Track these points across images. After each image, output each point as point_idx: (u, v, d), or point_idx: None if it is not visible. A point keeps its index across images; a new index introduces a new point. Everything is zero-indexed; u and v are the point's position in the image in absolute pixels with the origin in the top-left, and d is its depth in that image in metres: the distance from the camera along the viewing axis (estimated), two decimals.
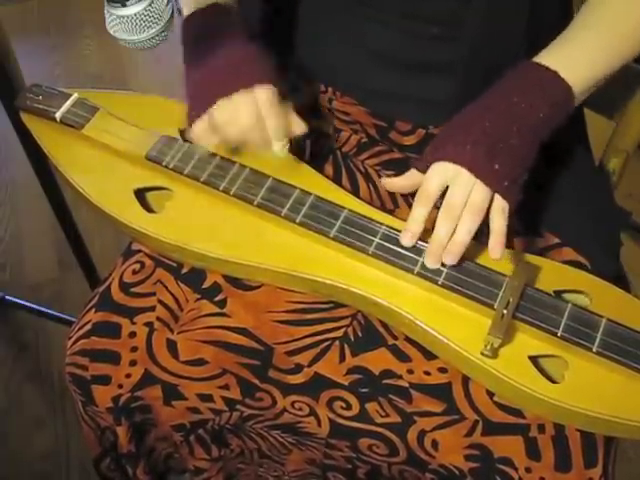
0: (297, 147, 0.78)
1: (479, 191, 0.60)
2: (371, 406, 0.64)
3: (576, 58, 0.64)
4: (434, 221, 0.62)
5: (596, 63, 0.65)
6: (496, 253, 0.61)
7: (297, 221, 0.67)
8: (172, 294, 0.70)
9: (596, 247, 0.72)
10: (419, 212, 0.62)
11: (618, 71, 0.67)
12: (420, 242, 0.65)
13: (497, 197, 0.61)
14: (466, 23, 0.68)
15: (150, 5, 0.56)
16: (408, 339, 0.66)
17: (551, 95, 0.62)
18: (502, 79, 0.64)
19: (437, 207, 0.63)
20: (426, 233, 0.63)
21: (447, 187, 0.62)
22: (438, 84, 0.75)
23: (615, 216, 0.80)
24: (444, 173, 0.61)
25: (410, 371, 0.65)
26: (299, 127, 0.68)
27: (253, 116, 0.65)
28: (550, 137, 0.64)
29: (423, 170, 0.64)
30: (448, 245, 0.61)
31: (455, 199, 0.61)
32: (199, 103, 0.67)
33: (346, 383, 0.65)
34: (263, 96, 0.65)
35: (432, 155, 0.63)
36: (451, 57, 0.72)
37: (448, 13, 0.70)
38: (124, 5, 0.55)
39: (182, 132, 0.74)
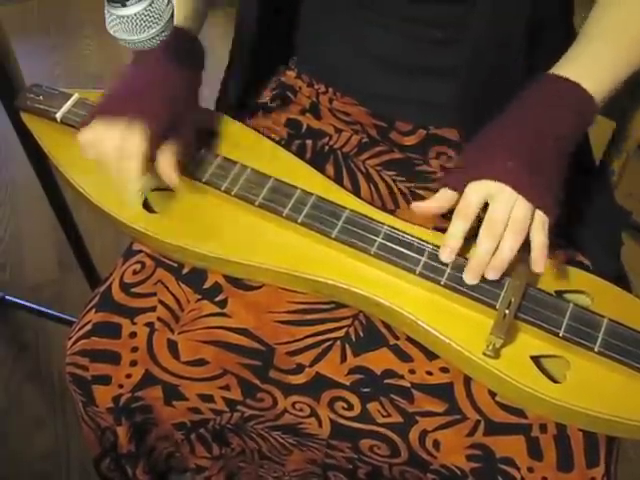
0: (298, 147, 0.78)
1: (522, 207, 0.60)
2: (372, 406, 0.64)
3: (591, 70, 0.64)
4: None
5: (612, 72, 0.65)
6: (539, 267, 0.61)
7: (299, 221, 0.67)
8: (173, 294, 0.70)
9: (597, 247, 0.72)
10: (458, 227, 0.62)
11: None
12: (422, 243, 0.65)
13: (538, 212, 0.61)
14: (471, 27, 0.68)
15: (150, 5, 0.56)
16: (410, 339, 0.66)
17: (576, 106, 0.62)
18: (526, 93, 0.64)
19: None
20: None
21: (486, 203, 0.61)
22: (440, 87, 0.75)
23: (615, 216, 0.80)
24: (485, 190, 0.61)
25: (412, 371, 0.65)
26: (168, 178, 0.67)
27: (113, 149, 0.64)
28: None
29: (457, 188, 0.63)
30: (492, 260, 0.61)
31: (497, 215, 0.60)
32: (95, 111, 0.67)
33: (347, 383, 0.65)
34: (135, 135, 0.63)
35: (469, 173, 0.62)
36: (454, 60, 0.72)
37: (451, 17, 0.70)
38: (124, 5, 0.55)
39: None
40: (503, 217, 0.60)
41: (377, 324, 0.67)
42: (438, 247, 0.64)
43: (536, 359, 0.61)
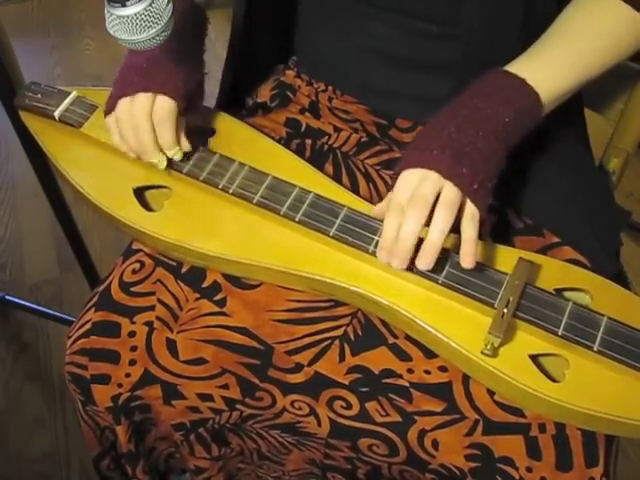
0: (297, 147, 0.78)
1: (450, 189, 0.59)
2: (371, 405, 0.64)
3: (544, 68, 0.64)
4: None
5: (568, 74, 0.65)
6: (468, 262, 0.60)
7: (296, 220, 0.67)
8: (172, 293, 0.70)
9: (596, 246, 0.72)
10: (391, 224, 0.60)
11: (617, 70, 0.68)
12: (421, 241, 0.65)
13: (468, 203, 0.60)
14: (462, 23, 0.68)
15: (150, 5, 0.56)
16: (408, 338, 0.66)
17: (516, 101, 0.62)
18: (470, 86, 0.64)
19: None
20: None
21: None
22: (438, 82, 0.75)
23: (615, 216, 0.80)
24: (412, 179, 0.60)
25: (410, 370, 0.65)
26: (185, 145, 0.71)
27: (144, 117, 0.67)
28: (518, 144, 0.64)
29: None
30: (421, 249, 0.59)
31: (424, 194, 0.59)
32: (112, 97, 0.70)
33: (346, 382, 0.65)
34: (161, 104, 0.67)
35: (398, 167, 0.62)
36: (450, 55, 0.72)
37: (445, 12, 0.70)
38: (124, 5, 0.55)
39: None
40: (430, 193, 0.59)
41: (376, 323, 0.67)
42: None
43: (535, 358, 0.61)
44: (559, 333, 0.60)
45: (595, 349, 0.60)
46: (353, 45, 0.77)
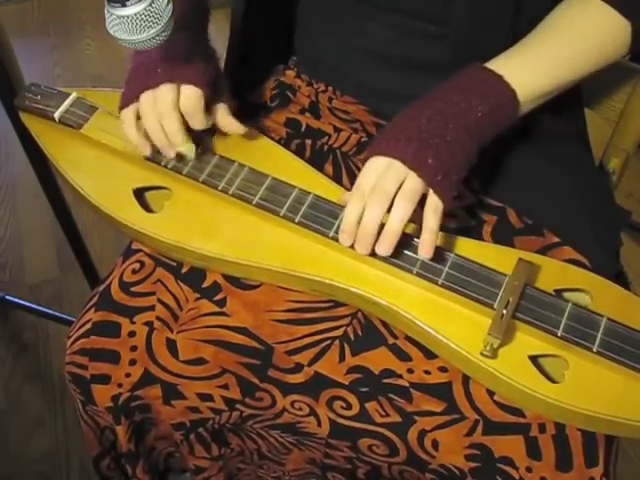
0: (297, 147, 0.78)
1: (413, 179, 0.60)
2: (371, 406, 0.64)
3: (524, 66, 0.64)
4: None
5: (546, 74, 0.65)
6: (426, 252, 0.61)
7: (296, 221, 0.67)
8: (172, 293, 0.70)
9: (596, 246, 0.72)
10: (352, 210, 0.62)
11: (616, 70, 0.68)
12: (418, 240, 0.65)
13: (431, 194, 0.61)
14: (451, 23, 0.68)
15: (150, 5, 0.56)
16: (408, 338, 0.66)
17: (492, 97, 0.62)
18: (448, 80, 0.65)
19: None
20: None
21: None
22: (437, 82, 0.75)
23: (615, 216, 0.80)
24: (377, 167, 0.61)
25: (410, 370, 0.65)
26: (233, 128, 0.71)
27: (170, 107, 0.67)
28: (494, 139, 0.64)
29: None
30: (381, 236, 0.61)
31: (386, 184, 0.60)
32: (130, 90, 0.69)
33: (346, 382, 0.65)
34: (187, 93, 0.67)
35: (367, 153, 0.63)
36: (448, 55, 0.72)
37: (441, 12, 0.70)
38: (124, 5, 0.55)
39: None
40: (392, 185, 0.60)
41: (376, 323, 0.67)
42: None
43: (534, 359, 0.61)
44: (558, 334, 0.60)
45: (594, 350, 0.60)
46: (353, 45, 0.77)
